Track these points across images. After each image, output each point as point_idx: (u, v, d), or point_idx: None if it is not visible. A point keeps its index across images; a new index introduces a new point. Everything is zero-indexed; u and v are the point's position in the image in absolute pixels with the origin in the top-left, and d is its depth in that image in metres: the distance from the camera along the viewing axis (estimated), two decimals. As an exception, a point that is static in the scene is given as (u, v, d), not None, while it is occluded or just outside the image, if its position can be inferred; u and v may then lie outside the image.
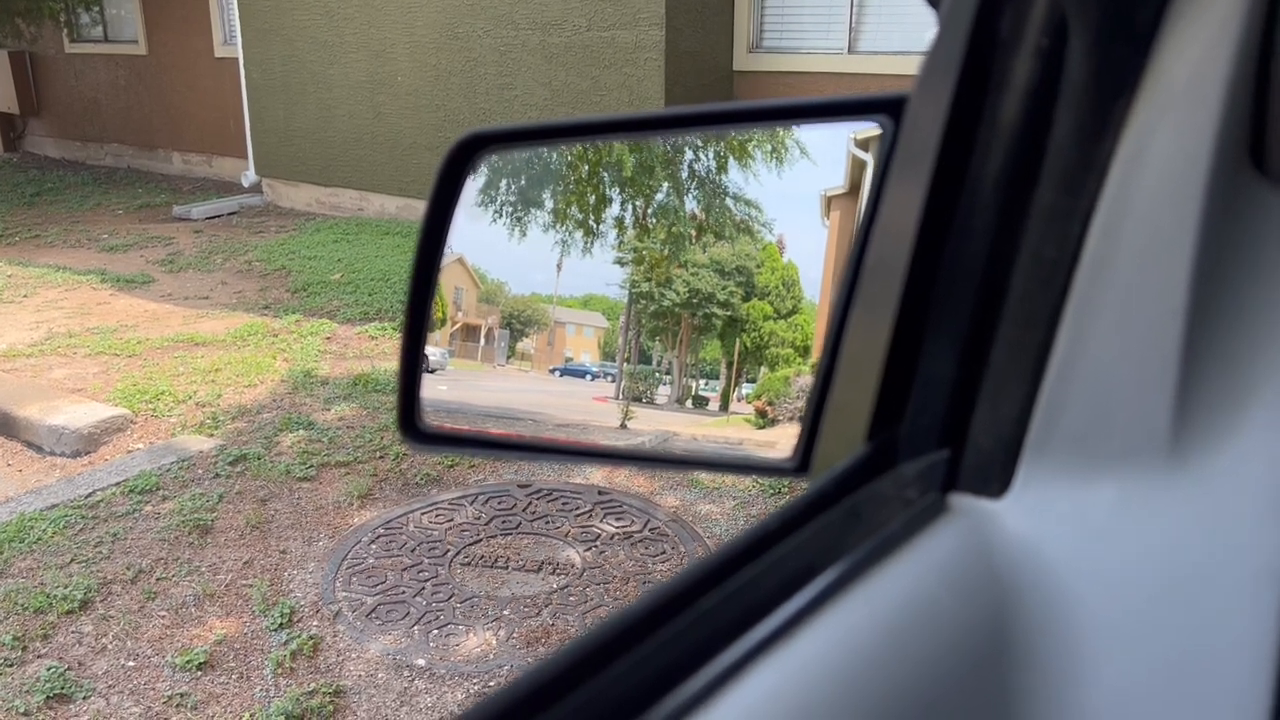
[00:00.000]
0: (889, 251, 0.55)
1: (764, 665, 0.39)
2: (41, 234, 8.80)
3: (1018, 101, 0.49)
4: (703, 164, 0.82)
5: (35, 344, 5.81)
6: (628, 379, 0.87)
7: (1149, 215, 0.45)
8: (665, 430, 0.85)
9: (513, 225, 0.86)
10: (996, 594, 0.46)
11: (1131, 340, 0.46)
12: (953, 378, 0.52)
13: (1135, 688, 0.43)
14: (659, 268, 0.84)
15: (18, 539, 3.62)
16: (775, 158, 0.77)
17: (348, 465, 4.20)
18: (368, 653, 3.00)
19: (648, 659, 0.39)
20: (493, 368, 0.93)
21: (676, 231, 0.85)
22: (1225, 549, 0.43)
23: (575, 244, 0.85)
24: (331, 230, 8.42)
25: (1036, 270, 0.49)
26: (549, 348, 0.90)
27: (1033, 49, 0.48)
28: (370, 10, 8.51)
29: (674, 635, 0.40)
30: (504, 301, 0.91)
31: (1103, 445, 0.47)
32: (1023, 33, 0.48)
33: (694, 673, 0.38)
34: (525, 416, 0.96)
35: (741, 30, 7.67)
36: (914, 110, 0.58)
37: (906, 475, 0.52)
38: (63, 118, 12.72)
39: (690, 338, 0.84)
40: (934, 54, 0.54)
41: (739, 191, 0.79)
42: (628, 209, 0.87)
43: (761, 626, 0.40)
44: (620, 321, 0.85)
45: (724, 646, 0.39)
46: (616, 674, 0.38)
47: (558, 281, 0.86)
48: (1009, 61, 0.49)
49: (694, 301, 0.82)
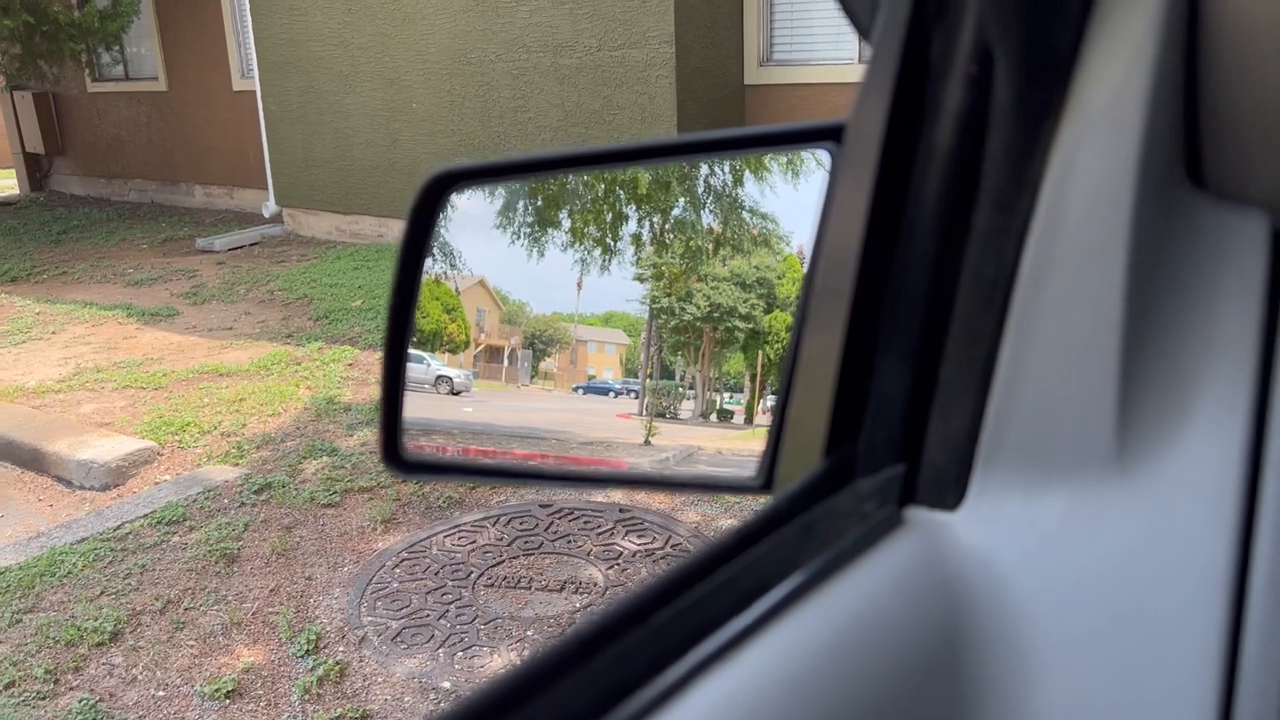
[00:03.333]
0: (836, 272, 0.56)
1: (712, 678, 0.40)
2: (69, 270, 8.91)
3: (950, 126, 0.50)
4: (719, 178, 0.82)
5: (64, 379, 5.87)
6: (651, 395, 0.87)
7: (1080, 231, 0.46)
8: (689, 445, 0.85)
9: (531, 246, 0.87)
10: (949, 604, 0.47)
11: (1071, 352, 0.47)
12: (905, 394, 0.53)
13: (1087, 695, 0.44)
14: (678, 282, 0.84)
15: (49, 573, 3.65)
16: (791, 169, 0.77)
17: (371, 490, 4.21)
18: (394, 676, 3.00)
19: (598, 675, 0.39)
20: (517, 388, 0.93)
21: (694, 246, 0.85)
22: (1173, 554, 0.44)
23: (594, 262, 0.86)
24: (352, 257, 8.48)
25: (977, 288, 0.50)
26: (572, 366, 0.90)
27: (962, 76, 0.49)
28: (384, 39, 8.60)
29: (624, 651, 0.40)
30: (526, 322, 0.91)
31: (1051, 455, 0.48)
32: (951, 60, 0.50)
33: (639, 689, 0.39)
34: (550, 436, 0.96)
35: (751, 45, 7.70)
36: (853, 136, 0.59)
37: (863, 490, 0.52)
38: (87, 156, 12.90)
39: (712, 351, 0.84)
40: (868, 82, 0.55)
41: (755, 205, 0.79)
42: (645, 225, 0.87)
43: (711, 641, 0.41)
44: (642, 338, 0.85)
45: (672, 661, 0.40)
46: (567, 689, 0.38)
47: (578, 300, 0.86)
48: (940, 88, 0.51)
49: (715, 315, 0.82)
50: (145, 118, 12.04)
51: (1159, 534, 0.44)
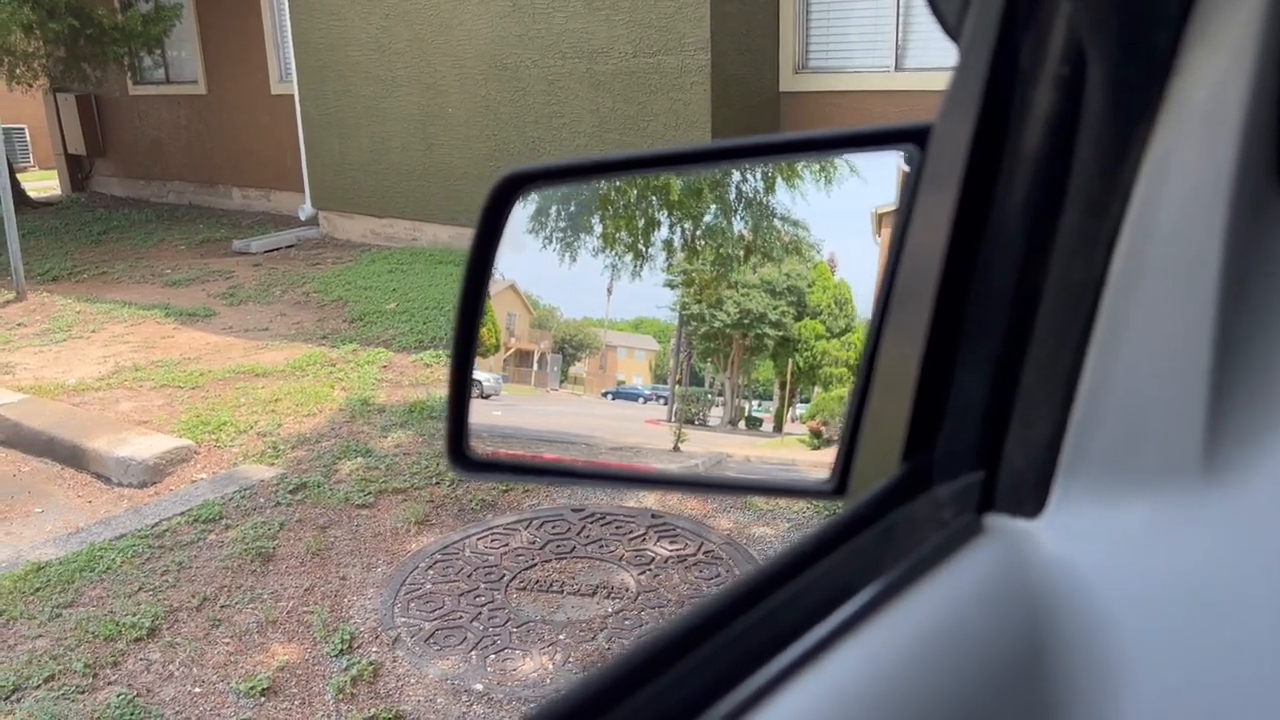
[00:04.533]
0: (919, 276, 0.56)
1: (797, 686, 0.40)
2: (108, 271, 9.06)
3: (1040, 129, 0.50)
4: (750, 185, 0.82)
5: (103, 377, 5.97)
6: (680, 401, 0.87)
7: (1174, 235, 0.46)
8: (719, 452, 0.85)
9: (563, 251, 0.87)
10: (1032, 614, 0.46)
11: (1161, 359, 0.46)
12: (986, 400, 0.52)
13: (1171, 708, 0.43)
14: (709, 289, 0.84)
15: (88, 568, 3.71)
16: (824, 176, 0.77)
17: (405, 492, 4.24)
18: (426, 678, 3.02)
19: (682, 680, 0.39)
20: (546, 392, 0.93)
21: (725, 253, 0.85)
22: (1260, 566, 0.43)
23: (625, 268, 0.86)
24: (386, 260, 8.55)
25: (1064, 293, 0.49)
26: (601, 371, 0.90)
27: (1052, 77, 0.49)
28: (421, 44, 8.67)
29: (708, 656, 0.40)
30: (556, 326, 0.92)
31: (1136, 464, 0.47)
32: (1042, 62, 0.49)
33: (727, 693, 0.38)
34: (578, 440, 0.96)
35: (787, 51, 7.68)
36: (938, 139, 0.59)
37: (942, 497, 0.52)
38: (127, 157, 13.11)
39: (742, 359, 0.84)
40: (956, 85, 0.55)
41: (787, 212, 0.79)
42: (676, 231, 0.87)
43: (795, 647, 0.41)
44: (671, 344, 0.85)
45: (757, 667, 0.40)
46: (651, 694, 0.38)
47: (608, 305, 0.86)
48: (1029, 90, 0.50)
49: (745, 322, 0.82)
50: (185, 120, 12.21)
51: (1248, 546, 0.44)
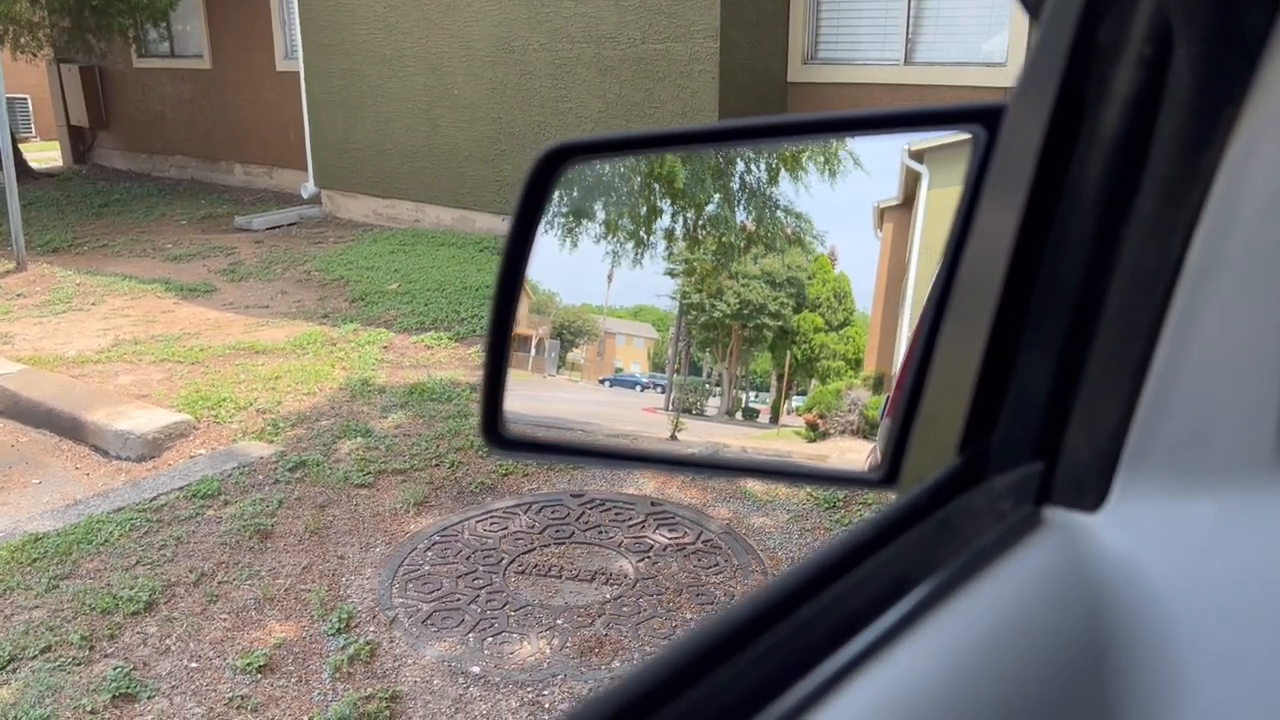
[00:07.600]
0: (984, 262, 0.55)
1: (863, 677, 0.39)
2: (109, 244, 9.05)
3: (1119, 111, 0.48)
4: (754, 176, 0.82)
5: (103, 350, 5.97)
6: (678, 390, 0.87)
7: (1256, 226, 0.44)
8: (715, 442, 0.85)
9: (564, 236, 0.87)
10: (1093, 609, 0.45)
11: (1235, 352, 0.45)
12: (1047, 389, 0.51)
13: (1234, 708, 0.43)
14: (710, 279, 0.84)
15: (86, 541, 3.72)
16: (828, 169, 0.77)
17: (404, 473, 4.25)
18: (423, 659, 3.03)
19: (750, 667, 0.38)
20: (543, 377, 0.93)
21: (727, 242, 0.85)
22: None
23: (626, 255, 0.86)
24: (388, 241, 8.55)
25: (1136, 281, 0.48)
26: (599, 358, 0.91)
27: (1135, 58, 0.47)
28: (428, 25, 8.64)
29: (774, 644, 0.39)
30: (555, 312, 0.92)
31: (1203, 459, 0.46)
32: (1125, 41, 0.48)
33: (794, 683, 0.38)
34: (576, 427, 0.96)
35: (796, 42, 7.65)
36: (1013, 120, 0.57)
37: (999, 487, 0.51)
38: (130, 130, 13.08)
39: (740, 349, 0.84)
40: (1034, 64, 0.53)
41: (789, 204, 0.79)
42: (678, 220, 0.87)
43: (859, 638, 0.40)
44: (670, 333, 0.86)
45: (823, 657, 0.39)
46: (719, 682, 0.37)
47: (608, 292, 0.86)
48: (1111, 71, 0.49)
49: (745, 313, 0.82)
50: (189, 95, 12.18)
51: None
